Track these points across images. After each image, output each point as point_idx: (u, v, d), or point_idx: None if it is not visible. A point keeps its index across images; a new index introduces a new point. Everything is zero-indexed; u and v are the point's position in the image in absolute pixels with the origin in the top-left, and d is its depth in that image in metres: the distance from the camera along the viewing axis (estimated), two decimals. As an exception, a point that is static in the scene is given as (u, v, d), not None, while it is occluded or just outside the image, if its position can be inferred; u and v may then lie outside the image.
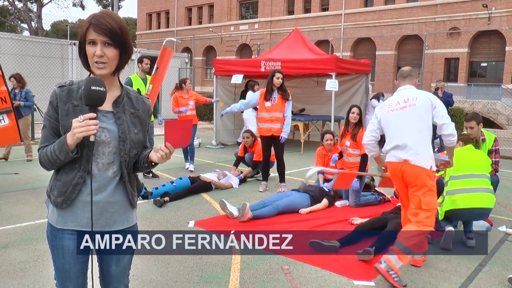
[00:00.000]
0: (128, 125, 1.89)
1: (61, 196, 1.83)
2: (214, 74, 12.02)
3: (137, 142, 1.92)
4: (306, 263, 3.94)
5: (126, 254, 2.01)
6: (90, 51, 1.78)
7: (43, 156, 1.81)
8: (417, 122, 3.66)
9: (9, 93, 6.30)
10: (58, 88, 1.83)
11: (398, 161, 3.70)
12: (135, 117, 1.93)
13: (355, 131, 5.95)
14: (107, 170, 1.86)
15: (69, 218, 1.86)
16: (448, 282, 3.63)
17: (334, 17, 33.07)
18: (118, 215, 1.93)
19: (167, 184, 6.33)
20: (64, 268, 1.89)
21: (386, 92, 26.36)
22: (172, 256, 4.02)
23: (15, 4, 32.52)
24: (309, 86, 13.03)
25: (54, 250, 1.89)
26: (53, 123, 1.83)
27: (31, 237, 4.42)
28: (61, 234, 1.86)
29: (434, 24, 28.01)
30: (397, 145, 3.70)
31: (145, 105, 2.00)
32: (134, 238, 1.99)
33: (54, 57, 14.92)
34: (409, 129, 3.67)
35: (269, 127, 6.36)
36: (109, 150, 1.85)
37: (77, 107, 1.79)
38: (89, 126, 1.67)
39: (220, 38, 40.86)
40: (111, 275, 2.02)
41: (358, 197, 5.97)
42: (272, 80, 6.29)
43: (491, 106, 22.34)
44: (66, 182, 1.83)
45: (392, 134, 3.77)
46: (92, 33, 1.76)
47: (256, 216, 5.17)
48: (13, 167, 7.95)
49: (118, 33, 1.78)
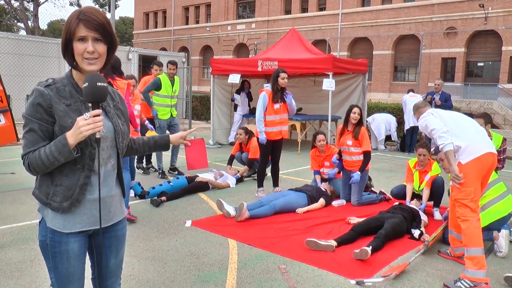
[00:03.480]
0: (116, 118, 1.93)
1: (68, 200, 1.79)
2: (211, 74, 12.01)
3: (125, 133, 1.98)
4: (303, 262, 3.95)
5: (124, 243, 2.08)
6: (80, 47, 1.74)
7: (35, 161, 1.72)
8: None
9: (5, 92, 6.28)
10: (45, 87, 1.75)
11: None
12: (117, 109, 1.97)
13: (356, 130, 5.96)
14: (106, 164, 1.89)
15: (77, 220, 1.83)
16: (445, 281, 3.64)
17: (331, 16, 33.12)
18: (116, 207, 1.98)
19: (164, 183, 6.33)
20: (68, 272, 1.86)
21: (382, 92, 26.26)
22: (169, 255, 4.03)
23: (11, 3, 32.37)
24: (306, 86, 13.04)
25: (57, 256, 1.83)
26: (43, 126, 1.74)
27: (27, 237, 4.41)
28: (66, 238, 1.82)
29: (431, 24, 28.08)
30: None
31: (121, 97, 2.06)
32: (126, 225, 2.09)
33: (50, 57, 14.90)
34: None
35: (279, 130, 6.22)
36: (107, 144, 1.88)
37: (70, 106, 1.77)
38: (96, 123, 1.65)
39: (217, 37, 40.84)
40: (110, 269, 2.04)
41: (361, 194, 5.99)
42: (276, 80, 6.14)
43: (488, 105, 22.43)
44: (71, 185, 1.79)
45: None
46: (82, 29, 1.73)
47: (253, 216, 5.17)
48: (9, 167, 7.93)
49: (107, 28, 1.78)
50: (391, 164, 9.66)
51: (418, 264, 4.01)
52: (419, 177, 5.74)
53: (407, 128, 11.53)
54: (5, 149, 9.77)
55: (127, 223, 2.13)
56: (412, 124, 11.31)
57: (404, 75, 30.84)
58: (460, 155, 3.65)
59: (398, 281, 3.63)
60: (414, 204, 5.50)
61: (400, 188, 6.04)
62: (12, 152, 9.54)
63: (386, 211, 5.01)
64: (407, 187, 5.79)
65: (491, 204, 4.34)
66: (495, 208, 4.33)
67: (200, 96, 20.34)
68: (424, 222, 5.02)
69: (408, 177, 5.86)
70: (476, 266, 3.46)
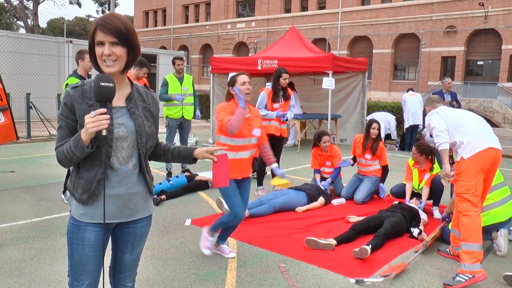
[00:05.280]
0: (142, 119, 2.00)
1: (86, 193, 1.91)
2: (211, 72, 12.02)
3: (151, 134, 2.04)
4: (303, 261, 3.95)
5: (142, 241, 2.14)
6: (99, 51, 1.86)
7: (60, 154, 1.88)
8: None
9: (5, 91, 6.27)
10: (72, 89, 1.89)
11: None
12: (147, 111, 2.04)
13: (374, 146, 6.18)
14: (127, 163, 1.96)
15: (95, 213, 1.93)
16: (444, 279, 3.64)
17: (331, 15, 33.09)
18: (140, 205, 2.05)
19: (163, 182, 6.33)
20: (82, 260, 1.94)
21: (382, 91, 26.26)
22: (168, 254, 4.03)
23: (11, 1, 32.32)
24: (306, 84, 13.04)
25: (74, 242, 1.95)
26: (69, 123, 1.89)
27: (27, 235, 4.41)
28: (84, 226, 1.93)
29: (431, 22, 28.06)
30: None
31: (154, 100, 2.12)
32: (149, 224, 2.15)
33: (50, 55, 14.87)
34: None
35: (278, 127, 6.28)
36: (127, 144, 1.94)
37: (92, 106, 1.85)
38: (100, 121, 1.73)
39: (217, 36, 40.81)
40: (124, 263, 2.12)
41: (368, 195, 6.10)
42: (278, 80, 6.13)
43: (487, 104, 22.43)
44: (89, 179, 1.91)
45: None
46: (99, 34, 1.84)
47: (252, 214, 5.17)
48: (9, 165, 7.93)
49: (124, 32, 1.86)
50: (391, 163, 9.60)
51: (417, 262, 4.01)
52: (418, 176, 5.74)
53: (406, 127, 11.52)
54: (5, 147, 9.77)
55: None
56: (412, 123, 11.30)
57: (404, 73, 30.84)
58: (463, 150, 3.70)
59: (398, 279, 3.63)
60: (413, 203, 5.51)
61: (400, 187, 6.05)
62: (11, 151, 9.54)
63: (385, 210, 5.01)
64: (407, 186, 5.80)
65: (491, 208, 4.34)
66: (494, 211, 4.34)
67: (200, 95, 20.32)
68: (423, 221, 5.02)
69: (407, 175, 5.86)
70: (472, 260, 3.50)
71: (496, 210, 4.34)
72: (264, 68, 10.69)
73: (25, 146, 10.51)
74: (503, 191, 4.44)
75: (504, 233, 4.34)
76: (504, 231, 4.35)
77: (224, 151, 2.86)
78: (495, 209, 4.34)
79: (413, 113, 11.30)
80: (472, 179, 3.63)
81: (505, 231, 4.36)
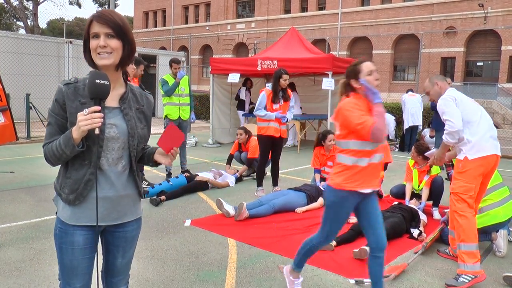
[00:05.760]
0: (135, 121, 1.95)
1: (73, 193, 1.86)
2: (210, 73, 12.02)
3: (143, 136, 2.00)
4: (302, 261, 3.94)
5: (133, 244, 2.09)
6: (94, 43, 1.81)
7: (49, 151, 1.82)
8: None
9: (5, 91, 6.27)
10: (64, 85, 1.84)
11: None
12: (140, 112, 2.00)
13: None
14: (116, 165, 1.91)
15: (82, 215, 1.88)
16: (444, 280, 3.64)
17: (330, 16, 33.11)
18: (128, 208, 2.00)
19: (163, 182, 6.33)
20: (72, 264, 1.90)
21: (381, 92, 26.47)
22: (168, 255, 4.03)
23: (10, 2, 32.33)
24: (306, 85, 13.04)
25: (63, 246, 1.90)
26: (59, 120, 1.85)
27: (26, 236, 4.40)
28: (72, 230, 1.88)
29: (431, 23, 28.08)
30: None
31: (148, 101, 2.07)
32: (139, 227, 2.10)
33: (50, 55, 14.86)
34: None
35: (278, 128, 6.28)
36: (118, 145, 1.90)
37: (85, 104, 1.81)
38: (93, 119, 1.69)
39: (216, 36, 40.82)
40: (117, 267, 2.08)
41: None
42: (278, 81, 6.13)
43: (487, 105, 22.39)
44: (77, 179, 1.86)
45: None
46: (95, 25, 1.80)
47: (252, 215, 5.17)
48: (9, 166, 7.92)
49: (120, 24, 1.83)
50: (390, 164, 9.64)
51: (417, 263, 4.01)
52: (418, 177, 5.74)
53: (406, 128, 11.52)
54: (5, 148, 9.76)
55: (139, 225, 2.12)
56: (411, 123, 11.30)
57: (403, 74, 30.85)
58: (469, 150, 3.66)
59: (397, 280, 3.63)
60: (413, 204, 5.51)
61: (400, 188, 6.04)
62: (11, 151, 9.54)
63: (385, 211, 5.00)
64: (407, 187, 5.80)
65: (490, 208, 4.34)
66: (493, 212, 4.34)
67: (200, 96, 20.34)
68: (423, 221, 5.02)
69: (407, 176, 5.86)
70: (473, 260, 3.52)
71: (495, 210, 4.34)
72: (264, 68, 10.70)
73: (25, 146, 10.52)
74: (502, 192, 4.44)
75: (503, 234, 4.34)
76: (503, 231, 4.35)
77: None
78: (495, 210, 4.34)
79: (412, 113, 11.31)
80: (472, 181, 3.64)
81: (504, 231, 4.36)
